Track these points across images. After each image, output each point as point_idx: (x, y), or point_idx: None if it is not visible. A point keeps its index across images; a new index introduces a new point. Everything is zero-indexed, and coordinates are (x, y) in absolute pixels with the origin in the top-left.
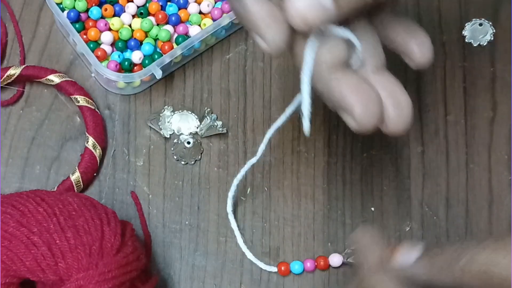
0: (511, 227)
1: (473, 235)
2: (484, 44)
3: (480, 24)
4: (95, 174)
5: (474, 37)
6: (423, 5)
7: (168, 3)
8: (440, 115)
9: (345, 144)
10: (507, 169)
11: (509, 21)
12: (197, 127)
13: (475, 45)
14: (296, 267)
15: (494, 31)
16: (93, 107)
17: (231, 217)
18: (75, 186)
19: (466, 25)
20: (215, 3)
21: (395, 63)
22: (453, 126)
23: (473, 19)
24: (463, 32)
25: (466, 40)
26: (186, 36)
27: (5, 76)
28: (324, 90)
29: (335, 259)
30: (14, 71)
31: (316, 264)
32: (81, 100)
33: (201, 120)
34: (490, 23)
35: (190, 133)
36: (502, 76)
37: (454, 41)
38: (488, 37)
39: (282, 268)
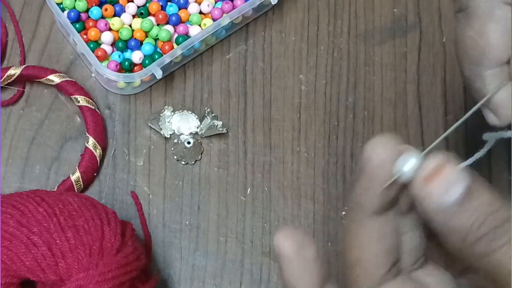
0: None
1: None
2: None
3: None
4: (95, 174)
5: None
6: (423, 5)
7: (168, 3)
8: (440, 115)
9: (345, 144)
10: (507, 169)
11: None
12: (197, 127)
13: None
14: None
15: None
16: (93, 107)
17: None
18: (75, 186)
19: None
20: (215, 3)
21: (395, 63)
22: None
23: None
24: None
25: None
26: (186, 36)
27: (5, 76)
28: None
29: None
30: (14, 71)
31: None
32: (81, 100)
33: (201, 120)
34: None
35: (190, 133)
36: None
37: (454, 41)
38: None
39: None
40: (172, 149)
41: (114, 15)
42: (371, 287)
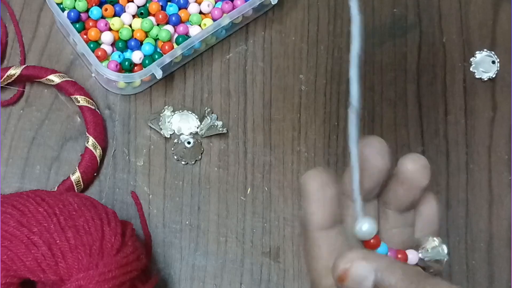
0: (511, 227)
1: (473, 235)
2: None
3: None
4: (95, 174)
5: None
6: (423, 5)
7: (168, 3)
8: (440, 115)
9: (345, 144)
10: (507, 169)
11: (509, 21)
12: (198, 127)
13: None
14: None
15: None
16: (93, 107)
17: None
18: (75, 186)
19: None
20: (215, 3)
21: (395, 63)
22: (453, 126)
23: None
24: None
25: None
26: (186, 36)
27: (5, 76)
28: None
29: (410, 256)
30: (15, 71)
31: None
32: (81, 100)
33: (201, 120)
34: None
35: (191, 133)
36: (502, 76)
37: (454, 41)
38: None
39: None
40: (172, 149)
41: (114, 15)
42: None
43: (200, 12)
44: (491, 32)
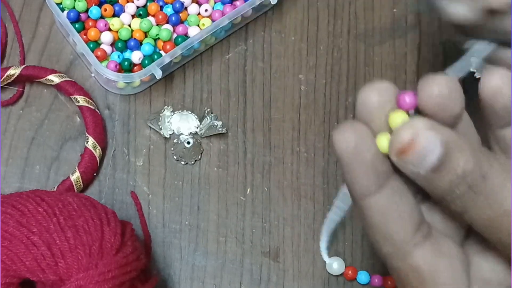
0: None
1: None
2: None
3: None
4: (95, 174)
5: None
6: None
7: (166, 4)
8: None
9: None
10: None
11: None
12: (197, 127)
13: None
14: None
15: None
16: (93, 107)
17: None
18: (75, 186)
19: None
20: (215, 3)
21: (395, 63)
22: None
23: None
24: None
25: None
26: (185, 36)
27: (5, 76)
28: None
29: None
30: (14, 71)
31: (383, 282)
32: (81, 100)
33: (201, 120)
34: None
35: (190, 133)
36: None
37: (454, 41)
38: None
39: (350, 272)
40: (172, 149)
41: (114, 15)
42: (403, 258)
43: (199, 14)
44: None
